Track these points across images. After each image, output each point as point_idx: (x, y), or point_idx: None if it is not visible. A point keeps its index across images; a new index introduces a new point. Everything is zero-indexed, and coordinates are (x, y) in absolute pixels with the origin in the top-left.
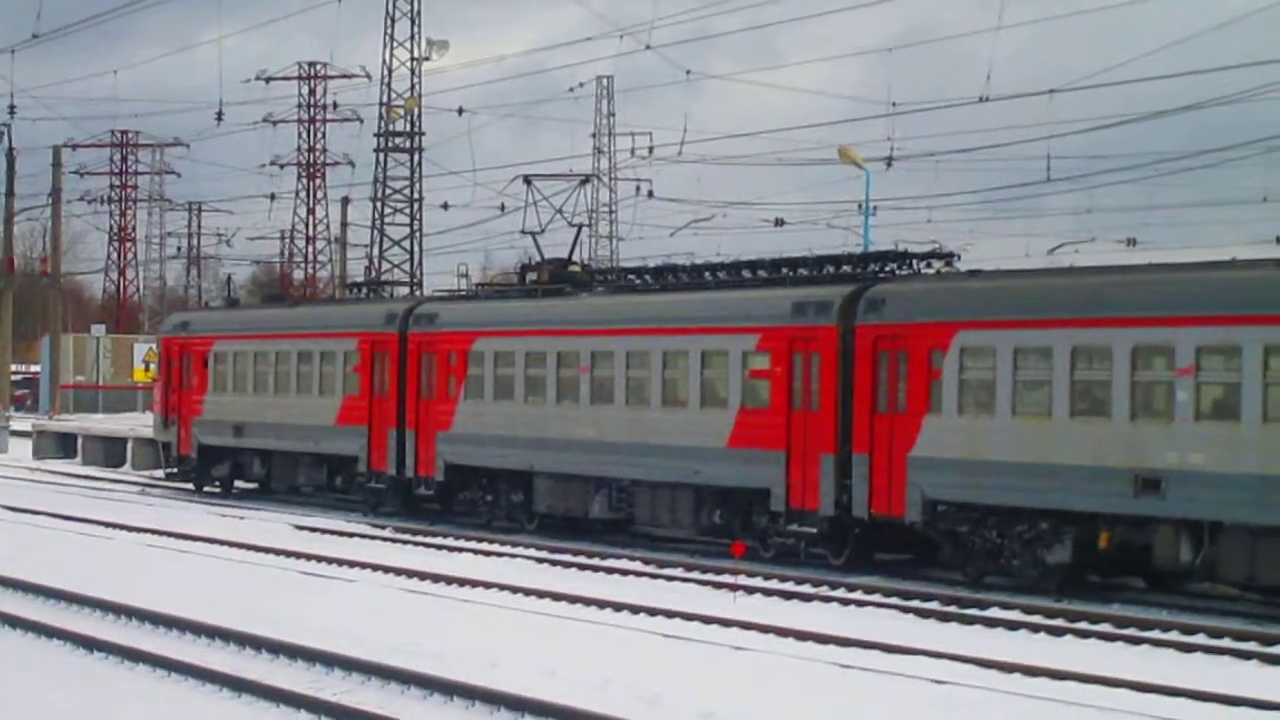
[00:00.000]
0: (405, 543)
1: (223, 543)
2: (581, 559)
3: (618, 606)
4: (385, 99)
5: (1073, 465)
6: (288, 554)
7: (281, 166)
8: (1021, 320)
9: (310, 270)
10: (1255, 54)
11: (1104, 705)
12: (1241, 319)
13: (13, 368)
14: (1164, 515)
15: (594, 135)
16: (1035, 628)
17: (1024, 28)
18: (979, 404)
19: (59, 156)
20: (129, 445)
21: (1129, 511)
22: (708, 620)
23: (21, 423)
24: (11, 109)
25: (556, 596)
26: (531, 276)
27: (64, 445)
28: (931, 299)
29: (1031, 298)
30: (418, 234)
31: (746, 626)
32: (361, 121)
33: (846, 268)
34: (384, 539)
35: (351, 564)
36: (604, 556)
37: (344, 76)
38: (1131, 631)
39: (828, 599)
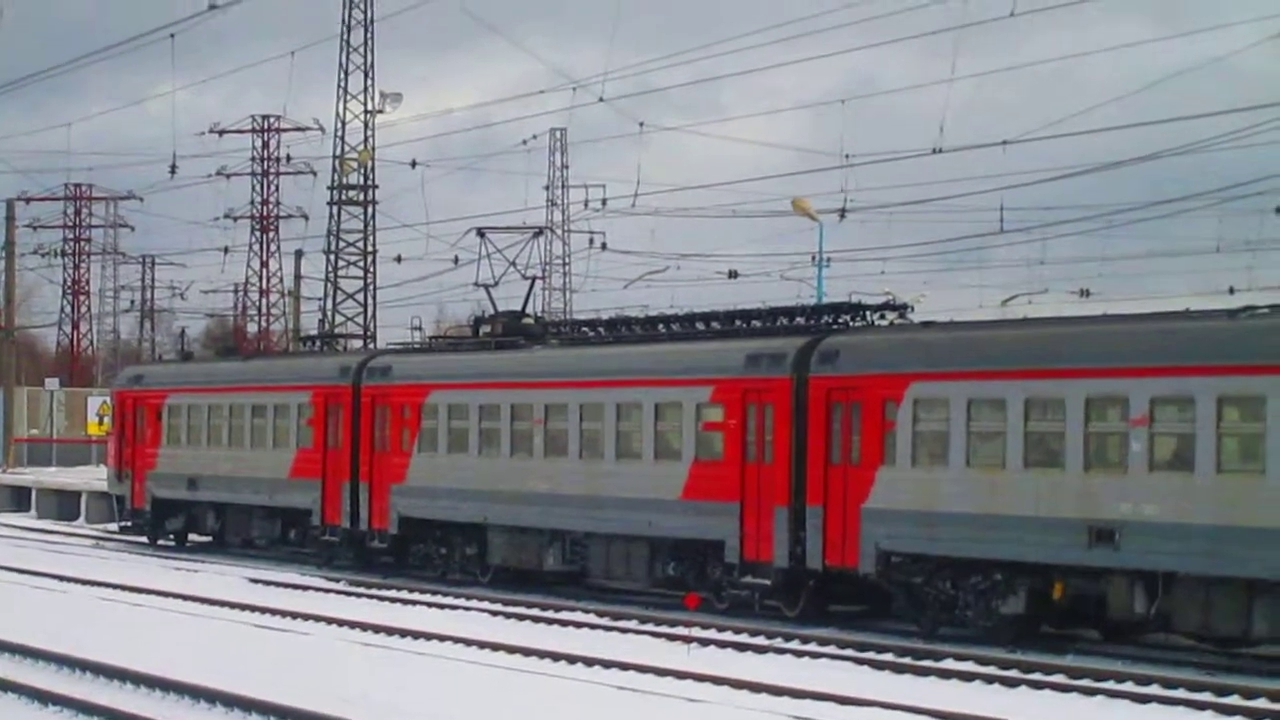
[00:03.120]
0: (359, 595)
1: (177, 596)
2: (535, 611)
3: (572, 659)
4: (339, 151)
5: (1026, 516)
6: (242, 607)
7: (235, 219)
8: (975, 372)
9: (264, 323)
10: (1207, 105)
11: None
12: (1195, 370)
13: None
14: (1118, 566)
15: (547, 187)
16: (989, 679)
17: (975, 79)
18: (933, 455)
19: (12, 210)
20: (83, 498)
21: (1083, 562)
22: (662, 672)
23: None
24: None
25: (510, 649)
26: (485, 329)
27: (18, 498)
28: (885, 351)
29: (985, 349)
30: (371, 287)
31: (701, 679)
32: (315, 174)
33: (800, 319)
34: (338, 592)
35: (305, 617)
36: (558, 609)
37: (297, 129)
38: (1086, 682)
39: (782, 651)
